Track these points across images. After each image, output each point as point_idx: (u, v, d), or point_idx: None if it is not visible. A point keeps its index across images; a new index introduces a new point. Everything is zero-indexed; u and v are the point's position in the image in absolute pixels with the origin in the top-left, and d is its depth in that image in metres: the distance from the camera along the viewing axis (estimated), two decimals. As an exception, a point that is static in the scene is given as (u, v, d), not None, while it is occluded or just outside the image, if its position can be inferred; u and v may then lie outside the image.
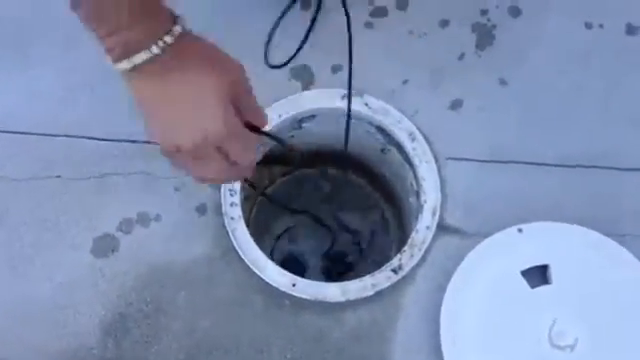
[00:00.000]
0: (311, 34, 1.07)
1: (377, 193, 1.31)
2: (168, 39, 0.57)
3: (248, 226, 0.99)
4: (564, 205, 0.97)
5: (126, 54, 0.57)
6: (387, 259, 1.27)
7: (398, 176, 1.12)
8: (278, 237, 1.37)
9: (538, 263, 0.91)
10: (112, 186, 0.99)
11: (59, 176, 0.99)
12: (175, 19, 0.60)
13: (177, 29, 0.59)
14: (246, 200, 1.12)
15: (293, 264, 1.38)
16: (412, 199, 1.07)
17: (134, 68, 0.57)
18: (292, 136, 1.11)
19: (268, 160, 1.14)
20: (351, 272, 1.36)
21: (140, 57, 0.57)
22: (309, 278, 1.33)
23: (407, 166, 1.05)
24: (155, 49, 0.57)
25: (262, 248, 0.98)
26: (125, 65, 0.57)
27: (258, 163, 1.10)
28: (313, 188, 1.32)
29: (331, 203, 1.37)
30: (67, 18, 0.56)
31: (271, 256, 1.35)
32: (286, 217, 1.35)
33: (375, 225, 1.37)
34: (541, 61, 1.05)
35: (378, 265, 1.19)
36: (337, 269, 1.38)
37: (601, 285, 0.89)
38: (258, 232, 1.24)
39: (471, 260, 0.92)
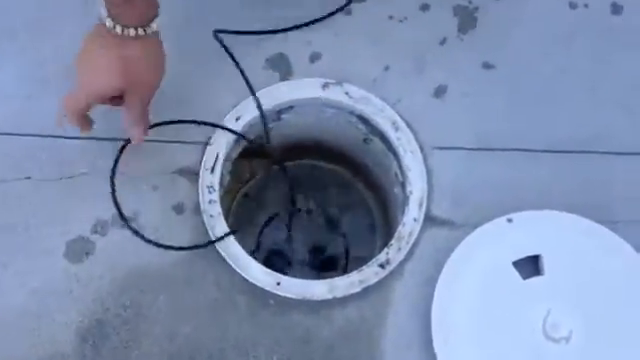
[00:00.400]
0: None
1: (360, 184, 1.27)
2: (140, 32, 0.77)
3: (228, 220, 0.95)
4: (554, 192, 0.94)
5: (111, 17, 0.76)
6: (373, 251, 1.25)
7: (382, 166, 1.09)
8: (262, 229, 1.33)
9: (529, 253, 0.89)
10: (84, 186, 0.94)
11: (29, 177, 0.94)
12: (155, 17, 0.79)
13: (153, 26, 0.79)
14: (227, 194, 1.08)
15: (278, 257, 1.35)
16: (397, 190, 1.04)
17: (111, 27, 0.76)
18: (271, 127, 1.07)
19: (248, 153, 1.10)
20: (336, 268, 1.33)
21: (117, 28, 0.76)
22: (294, 270, 1.32)
23: (391, 156, 1.02)
24: (132, 32, 0.76)
25: (245, 243, 0.95)
26: (106, 22, 0.76)
27: (237, 158, 1.07)
28: (294, 181, 1.29)
29: (313, 195, 1.33)
30: (29, 10, 0.53)
31: (255, 249, 1.31)
32: (270, 208, 1.31)
33: (359, 216, 1.34)
34: (525, 43, 1.02)
35: (363, 259, 1.16)
36: (321, 263, 1.35)
37: (594, 274, 0.87)
38: (240, 226, 1.21)
39: (460, 252, 0.89)
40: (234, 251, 0.92)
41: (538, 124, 0.98)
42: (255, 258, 0.93)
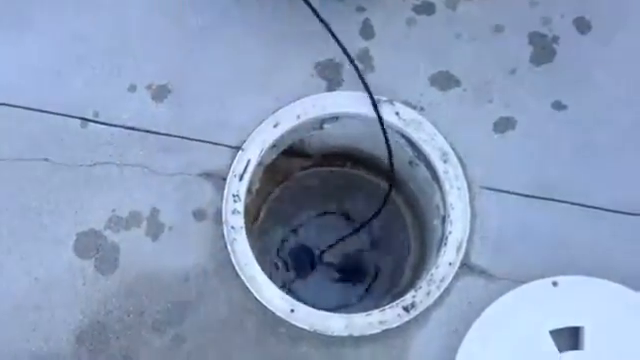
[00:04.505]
0: (344, 31, 0.93)
1: (400, 201, 1.19)
2: None
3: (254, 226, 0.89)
4: (611, 258, 0.84)
5: None
6: (400, 268, 1.17)
7: (424, 194, 1.00)
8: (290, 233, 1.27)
9: (571, 324, 0.80)
10: (104, 177, 0.89)
11: (47, 159, 0.89)
12: None
13: None
14: (252, 203, 1.02)
15: (302, 257, 1.29)
16: (436, 222, 0.96)
17: None
18: (311, 136, 1.00)
19: (286, 152, 1.03)
20: (358, 276, 1.27)
21: None
22: (318, 274, 1.26)
23: (435, 187, 0.93)
24: None
25: (264, 260, 0.88)
26: None
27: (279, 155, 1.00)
28: (330, 185, 1.21)
29: (351, 202, 1.26)
30: None
31: (281, 246, 1.26)
32: (300, 215, 1.25)
33: (393, 230, 1.26)
34: (605, 86, 0.91)
35: (391, 276, 1.09)
36: (349, 271, 1.29)
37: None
38: (264, 238, 1.15)
39: (495, 310, 0.81)
40: (252, 272, 0.85)
41: (606, 179, 0.88)
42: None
